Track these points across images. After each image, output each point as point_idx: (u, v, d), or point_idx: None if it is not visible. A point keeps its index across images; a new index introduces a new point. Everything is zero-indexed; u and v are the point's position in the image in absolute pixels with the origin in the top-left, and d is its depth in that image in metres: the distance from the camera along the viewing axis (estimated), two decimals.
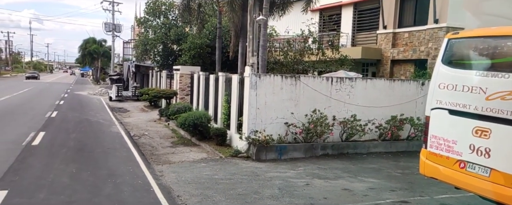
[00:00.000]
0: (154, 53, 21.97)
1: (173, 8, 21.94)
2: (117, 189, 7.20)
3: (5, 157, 9.06)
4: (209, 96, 13.64)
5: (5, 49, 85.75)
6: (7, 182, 7.09)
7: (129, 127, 15.21)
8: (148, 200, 6.71)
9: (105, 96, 30.98)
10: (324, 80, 10.64)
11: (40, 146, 10.59)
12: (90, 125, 15.29)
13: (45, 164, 8.76)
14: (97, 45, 52.91)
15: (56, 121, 15.68)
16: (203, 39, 19.54)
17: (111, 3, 39.96)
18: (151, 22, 21.95)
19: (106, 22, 39.66)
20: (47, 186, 7.11)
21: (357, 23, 16.95)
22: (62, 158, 9.49)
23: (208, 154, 10.56)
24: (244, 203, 6.56)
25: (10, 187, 6.75)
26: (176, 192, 7.09)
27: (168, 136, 13.50)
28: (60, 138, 12.02)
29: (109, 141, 12.19)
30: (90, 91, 36.05)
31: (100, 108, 22.28)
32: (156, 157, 10.17)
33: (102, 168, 8.72)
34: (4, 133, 12.33)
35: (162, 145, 11.78)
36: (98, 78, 52.54)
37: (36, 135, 12.01)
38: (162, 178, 8.00)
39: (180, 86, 16.82)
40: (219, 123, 12.30)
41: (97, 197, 6.65)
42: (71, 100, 25.86)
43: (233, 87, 11.19)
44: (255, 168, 8.95)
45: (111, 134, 13.63)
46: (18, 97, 26.24)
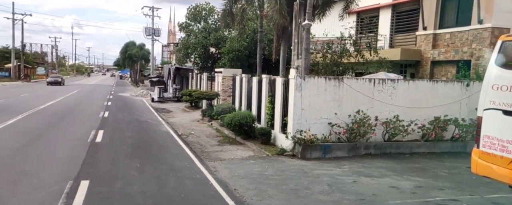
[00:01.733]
0: (195, 56, 22.98)
1: (212, 13, 22.87)
2: (180, 182, 7.95)
3: (77, 152, 10.12)
4: (252, 97, 14.28)
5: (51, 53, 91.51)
6: (86, 173, 8.02)
7: (176, 126, 16.13)
8: (209, 192, 7.39)
9: (146, 97, 32.57)
10: (367, 81, 10.96)
11: (103, 143, 11.63)
12: (140, 125, 16.38)
13: (112, 159, 9.72)
14: (137, 48, 55.31)
15: (109, 120, 16.89)
16: (241, 42, 20.29)
17: (151, 9, 41.84)
18: (192, 27, 22.98)
19: (146, 27, 41.55)
20: (119, 177, 7.97)
21: (395, 25, 17.00)
22: (125, 153, 10.43)
23: (255, 152, 11.17)
24: (297, 197, 7.08)
25: (90, 178, 7.65)
26: (232, 186, 7.73)
27: (213, 135, 14.28)
28: (117, 136, 13.08)
29: (161, 139, 13.11)
30: (132, 93, 37.92)
31: (144, 109, 23.60)
32: (206, 154, 10.90)
33: (162, 163, 9.55)
34: (70, 131, 13.57)
35: (209, 144, 12.53)
36: (137, 80, 54.90)
37: (96, 133, 13.12)
38: (216, 173, 8.68)
39: (223, 87, 17.61)
40: (263, 123, 12.89)
41: (164, 189, 7.41)
42: (117, 101, 27.43)
43: (277, 89, 11.75)
44: (301, 165, 9.46)
45: (161, 133, 14.60)
46: (70, 98, 28.19)
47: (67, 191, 6.84)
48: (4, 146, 10.62)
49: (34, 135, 12.49)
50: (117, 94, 35.26)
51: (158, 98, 27.60)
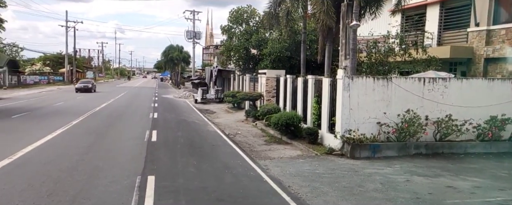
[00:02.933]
0: (237, 58, 23.58)
1: (254, 15, 23.36)
2: (236, 178, 8.38)
3: (138, 150, 10.90)
4: (297, 98, 14.53)
5: (97, 58, 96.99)
6: (150, 170, 8.67)
7: (222, 126, 16.72)
8: (265, 188, 7.75)
9: (189, 98, 33.75)
10: (416, 80, 10.86)
11: (158, 142, 12.38)
12: (189, 125, 17.15)
13: (170, 156, 10.37)
14: (177, 51, 57.31)
15: (159, 121, 17.81)
16: (282, 43, 20.58)
17: (192, 13, 43.30)
18: (234, 30, 23.61)
19: (188, 30, 43.04)
20: (180, 174, 8.55)
21: (444, 22, 16.53)
22: (180, 152, 11.08)
23: (302, 151, 11.43)
24: (351, 194, 7.27)
25: (155, 174, 8.28)
26: (286, 183, 8.05)
27: (259, 135, 14.68)
28: (170, 136, 13.83)
29: (211, 139, 13.71)
30: (175, 95, 39.39)
31: (189, 110, 24.54)
32: (256, 153, 11.30)
33: (216, 161, 10.07)
34: (127, 131, 14.53)
35: (257, 143, 12.93)
36: (178, 82, 56.82)
37: (150, 133, 13.94)
38: (268, 171, 9.04)
39: (267, 88, 17.99)
40: (309, 123, 13.10)
41: (223, 185, 7.88)
42: (163, 103, 28.69)
43: (324, 89, 11.92)
44: (351, 165, 9.59)
45: (209, 133, 15.22)
46: (120, 100, 29.84)
47: (138, 184, 7.47)
48: (76, 144, 11.64)
49: (97, 134, 13.52)
50: (161, 96, 36.77)
51: (201, 99, 28.53)
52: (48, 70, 57.80)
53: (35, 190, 6.96)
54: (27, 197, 6.57)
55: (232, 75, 28.14)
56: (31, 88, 43.73)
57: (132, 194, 6.90)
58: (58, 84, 52.44)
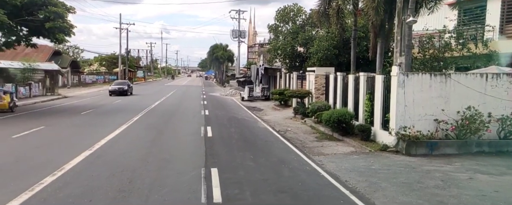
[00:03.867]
0: (283, 56, 23.85)
1: (300, 13, 23.50)
2: (293, 173, 8.71)
3: (197, 144, 11.59)
4: (347, 95, 14.55)
5: (146, 58, 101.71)
6: (212, 163, 9.24)
7: (271, 123, 17.10)
8: (323, 182, 8.01)
9: (235, 96, 34.61)
10: (478, 76, 10.52)
11: (214, 137, 13.03)
12: (239, 122, 17.74)
13: (227, 151, 10.93)
14: (222, 50, 58.74)
15: (211, 118, 18.59)
16: (330, 41, 20.53)
17: (238, 12, 44.19)
18: (281, 28, 23.90)
19: (233, 29, 44.06)
20: (240, 166, 9.04)
21: (507, 14, 15.65)
22: (236, 146, 11.62)
23: (355, 148, 11.49)
24: (411, 190, 7.31)
25: (217, 166, 8.82)
26: (342, 177, 8.24)
27: (309, 132, 14.89)
28: (224, 132, 14.46)
29: (263, 135, 14.15)
30: (221, 93, 40.53)
31: (237, 107, 25.25)
32: (308, 149, 11.54)
33: (271, 156, 10.46)
34: (184, 127, 15.40)
35: (308, 140, 13.16)
36: (223, 81, 58.22)
37: (206, 129, 14.65)
38: (324, 166, 9.26)
39: (316, 86, 18.13)
40: (361, 120, 13.10)
41: (281, 178, 8.24)
42: (211, 101, 29.71)
43: (377, 86, 11.88)
44: (408, 161, 9.54)
45: (260, 129, 15.68)
46: (171, 98, 31.33)
47: (204, 175, 8.04)
48: (141, 138, 12.62)
49: (157, 129, 14.49)
50: (209, 94, 38.00)
51: (247, 97, 29.17)
52: (104, 70, 61.72)
53: (117, 177, 7.75)
54: (112, 183, 7.36)
55: (278, 73, 28.48)
56: (90, 87, 47.05)
57: (200, 184, 7.46)
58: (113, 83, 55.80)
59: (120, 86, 33.35)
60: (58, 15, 19.71)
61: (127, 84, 35.35)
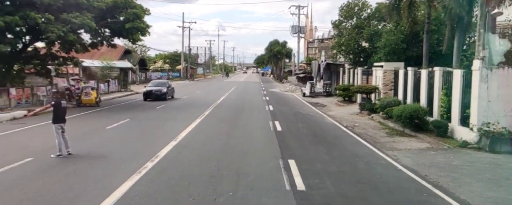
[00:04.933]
0: (347, 52, 23.63)
1: (365, 8, 23.09)
2: (369, 166, 8.87)
3: (269, 138, 12.14)
4: (420, 90, 14.17)
5: (204, 55, 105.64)
6: (287, 155, 9.66)
7: (337, 119, 17.16)
8: (401, 175, 8.09)
9: (295, 92, 34.86)
10: None
11: (283, 131, 13.49)
12: (305, 117, 18.04)
13: (299, 144, 11.33)
14: (280, 46, 59.23)
15: (276, 113, 19.10)
16: (398, 35, 19.92)
17: (297, 7, 44.35)
18: (345, 24, 23.69)
19: (293, 25, 44.31)
20: (315, 159, 9.38)
21: None
22: (307, 140, 11.98)
23: (431, 144, 11.25)
24: (498, 186, 7.14)
25: (294, 158, 9.24)
26: (421, 172, 8.22)
27: (377, 127, 14.76)
28: (292, 126, 14.88)
29: (331, 130, 14.35)
30: (281, 89, 40.99)
31: (300, 103, 25.53)
32: (380, 144, 11.52)
33: (344, 149, 10.68)
34: (252, 121, 16.10)
35: (378, 135, 13.09)
36: (281, 77, 58.71)
37: (274, 123, 15.16)
38: (400, 161, 9.26)
39: (384, 81, 17.82)
40: (436, 116, 12.74)
41: (358, 170, 8.45)
42: (272, 96, 30.30)
43: (455, 81, 11.49)
44: (492, 158, 9.21)
45: (327, 124, 15.87)
46: (234, 94, 32.50)
47: (282, 166, 8.52)
48: (216, 130, 13.53)
49: (229, 123, 15.34)
50: (268, 90, 38.67)
51: (309, 93, 29.28)
52: (167, 67, 65.44)
53: (206, 165, 8.54)
54: (203, 169, 8.14)
55: (341, 68, 28.22)
56: None
57: (281, 173, 7.95)
58: (176, 79, 58.98)
59: (157, 88, 24.73)
60: (137, 16, 21.49)
61: (167, 85, 26.09)
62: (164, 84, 26.43)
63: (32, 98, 20.49)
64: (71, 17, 18.77)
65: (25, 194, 6.40)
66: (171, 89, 26.73)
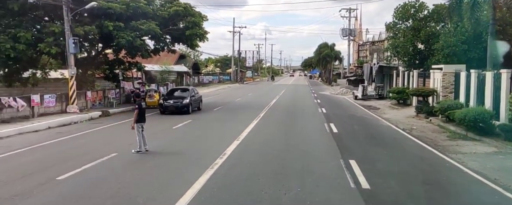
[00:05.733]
0: (403, 54, 23.15)
1: (422, 9, 22.51)
2: (433, 168, 8.91)
3: (326, 139, 12.46)
4: (485, 93, 13.68)
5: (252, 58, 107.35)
6: (347, 155, 9.89)
7: (393, 122, 16.95)
8: (469, 178, 8.04)
9: (346, 95, 34.57)
10: None
11: (340, 133, 13.71)
12: (360, 119, 18.05)
13: (358, 145, 11.54)
14: (329, 49, 58.80)
15: (330, 115, 19.26)
16: (458, 37, 19.22)
17: (348, 10, 43.91)
18: (400, 26, 23.25)
19: (343, 28, 43.90)
20: (376, 160, 9.55)
21: None
22: (365, 142, 12.13)
23: (498, 148, 10.90)
24: None
25: (354, 158, 9.46)
26: (490, 175, 8.09)
27: (437, 130, 14.43)
28: (348, 128, 15.05)
29: (388, 132, 14.30)
30: (331, 91, 40.77)
31: (352, 106, 25.40)
32: (442, 147, 11.35)
33: (404, 151, 10.74)
34: (308, 124, 16.42)
35: (439, 138, 12.84)
36: (330, 80, 58.20)
37: (329, 125, 15.39)
38: (465, 164, 9.13)
39: (443, 84, 17.34)
40: (503, 119, 12.27)
41: (422, 171, 8.51)
42: (323, 99, 30.35)
43: None
44: None
45: (383, 127, 15.80)
46: (284, 97, 32.97)
47: (344, 166, 8.81)
48: (274, 131, 14.12)
49: (285, 125, 15.86)
50: (318, 93, 38.66)
51: (361, 95, 28.97)
52: (218, 70, 67.59)
53: (271, 163, 9.11)
54: (269, 167, 8.71)
55: (394, 71, 27.61)
56: (209, 87, 52.13)
57: (343, 173, 8.27)
58: (227, 82, 60.83)
59: (177, 98, 19.45)
60: (195, 23, 22.82)
61: (191, 93, 20.02)
62: (187, 93, 19.85)
63: (104, 100, 22.49)
64: (138, 24, 20.49)
65: (120, 183, 7.37)
66: (197, 99, 20.52)
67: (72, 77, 18.89)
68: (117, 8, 19.56)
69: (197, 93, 21.47)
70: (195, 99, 20.40)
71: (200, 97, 21.83)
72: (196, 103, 20.58)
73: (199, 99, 21.35)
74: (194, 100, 20.06)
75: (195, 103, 20.25)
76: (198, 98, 21.23)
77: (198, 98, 21.11)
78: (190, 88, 21.46)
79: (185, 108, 19.05)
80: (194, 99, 20.16)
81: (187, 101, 19.35)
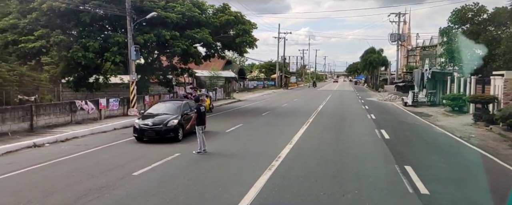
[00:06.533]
0: (459, 60, 22.27)
1: (481, 13, 21.58)
2: (495, 176, 8.65)
3: (379, 145, 12.43)
4: None
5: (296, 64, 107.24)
6: (402, 161, 9.83)
7: (448, 129, 16.39)
8: None
9: (395, 101, 33.67)
10: None
11: (392, 139, 13.57)
12: (411, 126, 17.67)
13: (411, 151, 11.45)
14: (376, 54, 57.46)
15: (380, 121, 19.00)
16: None
17: (398, 15, 42.81)
18: (456, 30, 22.42)
19: (392, 33, 42.82)
20: (432, 166, 9.45)
21: None
22: (418, 148, 12.03)
23: None
24: None
25: (410, 165, 9.41)
26: None
27: (499, 139, 13.82)
28: (400, 135, 14.84)
29: (443, 140, 13.94)
30: (378, 97, 39.84)
31: (402, 112, 24.78)
32: (503, 156, 10.91)
33: (461, 159, 10.55)
34: (358, 129, 16.40)
35: (501, 147, 12.34)
36: (377, 86, 56.76)
37: (379, 131, 15.24)
38: None
39: (505, 91, 16.54)
40: None
41: (483, 179, 8.33)
42: (371, 105, 29.79)
43: None
44: None
45: (437, 134, 15.38)
46: (331, 102, 32.78)
47: (400, 171, 8.85)
48: (324, 136, 14.30)
49: (334, 130, 15.96)
50: (365, 99, 37.93)
51: (412, 102, 28.14)
52: (263, 76, 68.46)
53: (325, 166, 9.39)
54: (324, 170, 9.00)
55: (448, 77, 26.55)
56: (254, 92, 53.01)
57: (400, 177, 8.33)
58: (271, 88, 61.41)
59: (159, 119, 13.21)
60: (246, 31, 23.64)
61: (184, 109, 14.06)
62: (176, 109, 13.86)
63: None
64: (192, 33, 21.66)
65: (188, 181, 8.04)
66: (189, 117, 12.96)
67: (133, 82, 20.37)
68: (174, 18, 20.85)
69: (191, 110, 13.49)
70: (189, 119, 12.72)
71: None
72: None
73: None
74: (187, 119, 12.87)
75: (185, 123, 12.75)
76: (190, 118, 12.60)
77: (190, 117, 12.81)
78: (183, 103, 14.35)
79: (170, 133, 12.55)
80: (188, 118, 13.02)
81: (173, 123, 12.70)
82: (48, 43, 18.95)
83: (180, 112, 13.42)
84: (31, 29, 19.02)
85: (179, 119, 12.93)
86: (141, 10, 20.55)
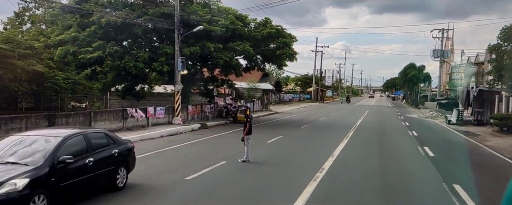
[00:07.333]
0: (509, 78, 21.43)
1: None
2: None
3: (423, 162, 12.23)
4: None
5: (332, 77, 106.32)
6: (451, 179, 9.60)
7: (497, 150, 15.70)
8: None
9: (436, 119, 32.54)
10: None
11: (437, 157, 13.19)
12: (456, 145, 17.19)
13: (458, 170, 11.18)
14: (416, 70, 55.99)
15: (422, 138, 18.49)
16: None
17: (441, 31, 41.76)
18: (505, 48, 21.68)
19: (435, 49, 41.76)
20: (482, 186, 9.19)
21: None
22: (466, 168, 11.68)
23: None
24: None
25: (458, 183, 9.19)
26: None
27: None
28: (445, 153, 14.50)
29: (491, 160, 13.50)
30: (419, 114, 38.65)
31: (446, 131, 23.99)
32: None
33: None
34: (399, 146, 16.18)
35: None
36: (417, 102, 55.10)
37: (423, 148, 14.84)
38: None
39: None
40: None
41: None
42: (412, 122, 29.02)
43: None
44: None
45: (485, 154, 14.85)
46: (369, 117, 32.29)
47: (448, 189, 8.71)
48: (365, 151, 14.34)
49: (376, 146, 15.88)
50: (405, 115, 36.94)
51: (456, 120, 27.15)
52: (299, 89, 68.55)
53: (370, 180, 9.44)
54: (368, 184, 9.05)
55: (497, 96, 25.48)
56: (290, 105, 53.20)
57: (449, 195, 8.25)
58: (307, 101, 61.27)
59: None
60: (286, 44, 24.15)
61: (76, 151, 6.77)
62: (38, 156, 6.35)
63: (201, 114, 24.79)
64: (234, 45, 22.46)
65: (239, 187, 8.46)
66: (109, 157, 7.56)
67: (178, 92, 21.35)
68: (218, 31, 21.75)
69: (115, 145, 7.97)
70: (104, 159, 7.45)
71: (127, 149, 8.36)
72: (105, 171, 7.39)
73: (120, 158, 7.91)
74: (101, 160, 7.36)
75: (99, 169, 7.21)
76: (117, 155, 7.84)
77: (116, 153, 7.80)
78: (75, 138, 7.08)
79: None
80: (102, 158, 7.41)
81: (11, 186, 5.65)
82: (104, 53, 20.40)
83: (50, 159, 6.23)
84: (89, 41, 20.58)
85: (42, 174, 6.03)
86: (187, 24, 21.66)
